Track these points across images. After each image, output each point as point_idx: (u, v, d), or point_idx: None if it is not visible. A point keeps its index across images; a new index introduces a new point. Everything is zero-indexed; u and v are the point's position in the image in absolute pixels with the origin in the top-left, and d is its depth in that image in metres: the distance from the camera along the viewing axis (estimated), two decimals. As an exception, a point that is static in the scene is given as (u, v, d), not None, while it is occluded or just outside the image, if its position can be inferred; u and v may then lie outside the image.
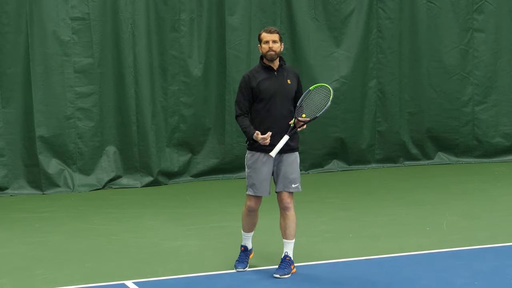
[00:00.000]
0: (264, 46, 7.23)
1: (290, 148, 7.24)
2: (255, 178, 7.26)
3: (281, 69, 7.32)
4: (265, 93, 7.21)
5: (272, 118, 7.20)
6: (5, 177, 11.49)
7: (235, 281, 7.22)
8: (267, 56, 7.23)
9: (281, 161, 7.27)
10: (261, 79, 7.24)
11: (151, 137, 12.04)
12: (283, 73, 7.31)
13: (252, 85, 7.23)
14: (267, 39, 7.21)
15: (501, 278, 7.14)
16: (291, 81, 7.31)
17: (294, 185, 7.30)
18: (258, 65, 7.34)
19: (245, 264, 7.50)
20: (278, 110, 7.22)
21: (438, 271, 7.35)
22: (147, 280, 7.27)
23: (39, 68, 11.49)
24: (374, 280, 7.16)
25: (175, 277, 7.35)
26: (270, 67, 7.29)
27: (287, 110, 7.25)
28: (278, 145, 7.05)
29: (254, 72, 7.30)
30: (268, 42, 7.20)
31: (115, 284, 7.17)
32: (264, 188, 7.27)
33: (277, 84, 7.25)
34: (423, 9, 13.26)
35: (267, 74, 7.27)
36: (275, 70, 7.29)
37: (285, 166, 7.27)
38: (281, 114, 7.22)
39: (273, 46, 7.19)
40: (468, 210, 10.12)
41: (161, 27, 12.06)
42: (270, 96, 7.21)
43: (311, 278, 7.27)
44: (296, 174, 7.31)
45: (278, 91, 7.23)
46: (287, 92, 7.27)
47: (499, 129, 13.65)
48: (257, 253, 7.77)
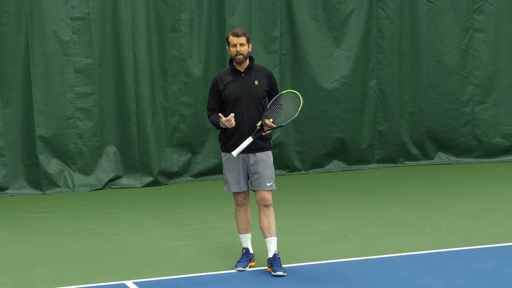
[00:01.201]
0: (232, 49, 7.33)
1: (262, 147, 7.35)
2: (227, 175, 7.46)
3: (249, 70, 7.40)
4: (231, 95, 7.34)
5: (239, 119, 7.30)
6: (5, 177, 11.50)
7: (235, 281, 7.22)
8: (236, 59, 7.34)
9: (255, 161, 7.37)
10: (227, 82, 7.37)
11: (151, 137, 12.04)
12: (251, 74, 7.39)
13: (219, 88, 7.39)
14: (235, 43, 7.30)
15: (500, 278, 7.14)
16: (260, 82, 7.39)
17: (268, 183, 7.38)
18: (228, 67, 7.46)
19: (245, 264, 7.50)
20: (244, 111, 7.32)
21: (438, 271, 7.35)
22: (147, 280, 7.27)
23: (39, 68, 11.49)
24: (374, 280, 7.16)
25: (175, 277, 7.35)
26: (237, 69, 7.37)
27: (255, 111, 7.35)
28: (241, 146, 7.17)
29: (223, 74, 7.46)
30: (236, 46, 7.29)
31: (115, 284, 7.17)
32: (237, 185, 7.41)
33: (242, 86, 7.35)
34: (423, 9, 13.26)
35: (233, 77, 7.38)
36: (242, 72, 7.36)
37: (258, 166, 7.36)
38: (248, 115, 7.32)
39: (240, 49, 7.29)
40: (468, 210, 10.12)
41: (161, 27, 12.06)
42: (235, 98, 7.33)
43: (311, 278, 7.27)
44: (269, 173, 7.39)
45: (244, 93, 7.34)
46: (253, 93, 7.35)
47: (499, 129, 13.65)
48: (257, 253, 7.75)
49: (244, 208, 7.54)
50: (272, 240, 7.38)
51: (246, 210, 7.55)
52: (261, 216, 7.41)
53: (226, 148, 7.44)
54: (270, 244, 7.39)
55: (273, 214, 7.42)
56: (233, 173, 7.41)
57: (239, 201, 7.52)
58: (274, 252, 7.36)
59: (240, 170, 7.39)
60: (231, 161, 7.40)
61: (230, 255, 7.89)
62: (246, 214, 7.55)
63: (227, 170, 7.45)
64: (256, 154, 7.35)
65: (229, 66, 7.44)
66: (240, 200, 7.51)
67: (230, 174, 7.43)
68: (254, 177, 7.38)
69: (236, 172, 7.40)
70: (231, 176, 7.43)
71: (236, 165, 7.39)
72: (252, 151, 7.32)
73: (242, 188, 7.45)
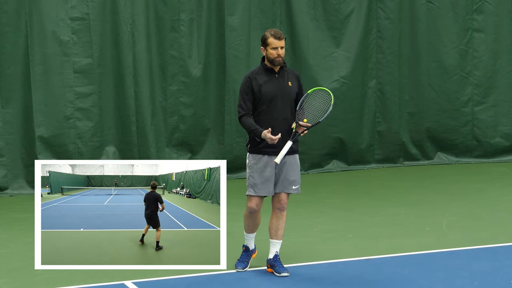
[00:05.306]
0: (271, 51, 7.18)
1: (291, 150, 7.22)
2: (257, 178, 7.25)
3: (282, 71, 7.31)
4: (267, 95, 7.20)
5: (274, 120, 7.19)
6: (4, 177, 11.49)
7: (235, 281, 7.22)
8: (275, 62, 7.20)
9: (284, 163, 7.27)
10: (263, 82, 7.23)
11: (151, 137, 12.04)
12: (284, 75, 7.30)
13: (253, 87, 7.22)
14: (276, 46, 7.16)
15: (500, 278, 7.15)
16: (292, 83, 7.31)
17: (294, 186, 7.32)
18: (260, 67, 7.32)
19: (245, 264, 7.50)
20: (279, 112, 7.22)
21: (437, 271, 7.36)
22: (147, 280, 7.27)
23: (38, 68, 11.49)
24: (374, 280, 7.17)
25: (175, 277, 7.35)
26: (272, 69, 7.28)
27: (289, 112, 7.25)
28: (282, 151, 7.04)
29: (256, 74, 7.29)
30: (277, 49, 7.17)
31: (115, 284, 7.17)
32: (267, 189, 7.27)
33: (278, 87, 7.24)
34: (422, 9, 13.27)
35: (268, 76, 7.26)
36: (276, 72, 7.29)
37: (286, 168, 7.28)
38: (283, 116, 7.22)
39: (281, 52, 7.19)
40: (467, 210, 10.13)
41: (161, 27, 12.06)
42: (271, 98, 7.20)
43: (311, 278, 7.27)
44: (297, 176, 7.33)
45: (280, 94, 7.23)
46: (288, 94, 7.26)
47: (498, 129, 13.65)
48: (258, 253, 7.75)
49: (255, 214, 7.40)
50: (276, 243, 7.36)
51: (257, 216, 7.42)
52: (272, 217, 7.38)
53: (258, 149, 7.25)
54: (273, 246, 7.37)
55: (284, 219, 7.36)
56: (263, 175, 7.23)
57: (253, 207, 7.30)
58: (274, 253, 7.35)
59: (270, 172, 7.23)
60: (262, 164, 7.22)
61: (230, 255, 7.87)
62: (255, 218, 7.44)
63: (256, 172, 7.24)
64: (285, 156, 7.17)
65: (261, 65, 7.30)
66: (254, 207, 7.30)
67: (260, 177, 7.23)
68: (280, 179, 7.27)
69: (267, 174, 7.23)
70: (261, 178, 7.22)
71: (268, 166, 7.22)
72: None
73: (270, 192, 7.27)
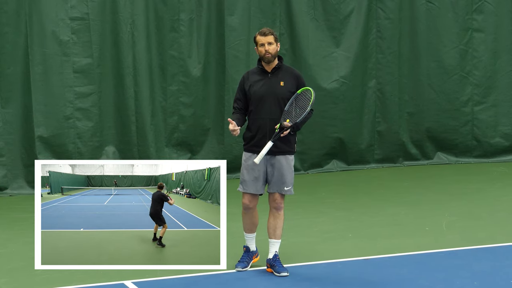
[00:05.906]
0: (260, 49, 7.25)
1: (283, 150, 7.26)
2: (246, 176, 7.33)
3: (277, 70, 7.32)
4: (255, 95, 7.27)
5: (261, 120, 7.25)
6: (4, 177, 11.49)
7: (235, 281, 7.22)
8: (264, 58, 7.26)
9: (275, 163, 7.29)
10: (253, 81, 7.30)
11: (151, 137, 12.04)
12: (277, 75, 7.31)
13: (244, 86, 7.34)
14: (263, 42, 7.23)
15: (500, 278, 7.15)
16: (286, 83, 7.29)
17: (286, 187, 7.33)
18: (256, 66, 7.39)
19: (245, 264, 7.50)
20: (267, 112, 7.25)
21: (437, 271, 7.36)
22: (146, 280, 7.27)
23: (38, 68, 11.49)
24: (373, 280, 7.17)
25: (174, 277, 7.34)
26: (264, 69, 7.31)
27: (278, 112, 7.24)
28: (262, 151, 7.08)
29: (251, 73, 7.39)
30: (264, 45, 7.22)
31: (114, 284, 7.17)
32: (254, 187, 7.30)
33: (267, 87, 7.27)
34: (422, 9, 13.27)
35: (260, 76, 7.32)
36: (269, 72, 7.30)
37: (278, 169, 7.29)
38: (270, 117, 7.24)
39: (269, 48, 7.22)
40: (467, 210, 10.13)
41: (160, 27, 12.06)
42: (259, 98, 7.26)
43: (311, 278, 7.27)
44: (288, 177, 7.32)
45: (268, 94, 7.25)
46: (278, 94, 7.25)
47: (498, 129, 13.66)
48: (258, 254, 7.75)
49: (251, 212, 7.41)
50: (275, 243, 7.37)
51: (252, 214, 7.43)
52: (270, 217, 7.40)
53: (248, 147, 7.35)
54: (272, 245, 7.38)
55: (282, 218, 7.38)
56: (251, 173, 7.30)
57: (247, 204, 7.37)
58: (274, 253, 7.35)
59: (258, 171, 7.28)
60: (251, 162, 7.26)
61: (230, 255, 7.87)
62: (251, 217, 7.46)
63: (246, 170, 7.33)
64: (276, 157, 7.25)
65: (257, 65, 7.35)
66: (247, 203, 7.37)
67: (248, 174, 7.31)
68: (273, 179, 7.30)
69: (255, 173, 7.29)
70: (249, 176, 7.30)
71: (256, 167, 7.26)
72: (273, 153, 7.21)
73: (258, 190, 7.32)
